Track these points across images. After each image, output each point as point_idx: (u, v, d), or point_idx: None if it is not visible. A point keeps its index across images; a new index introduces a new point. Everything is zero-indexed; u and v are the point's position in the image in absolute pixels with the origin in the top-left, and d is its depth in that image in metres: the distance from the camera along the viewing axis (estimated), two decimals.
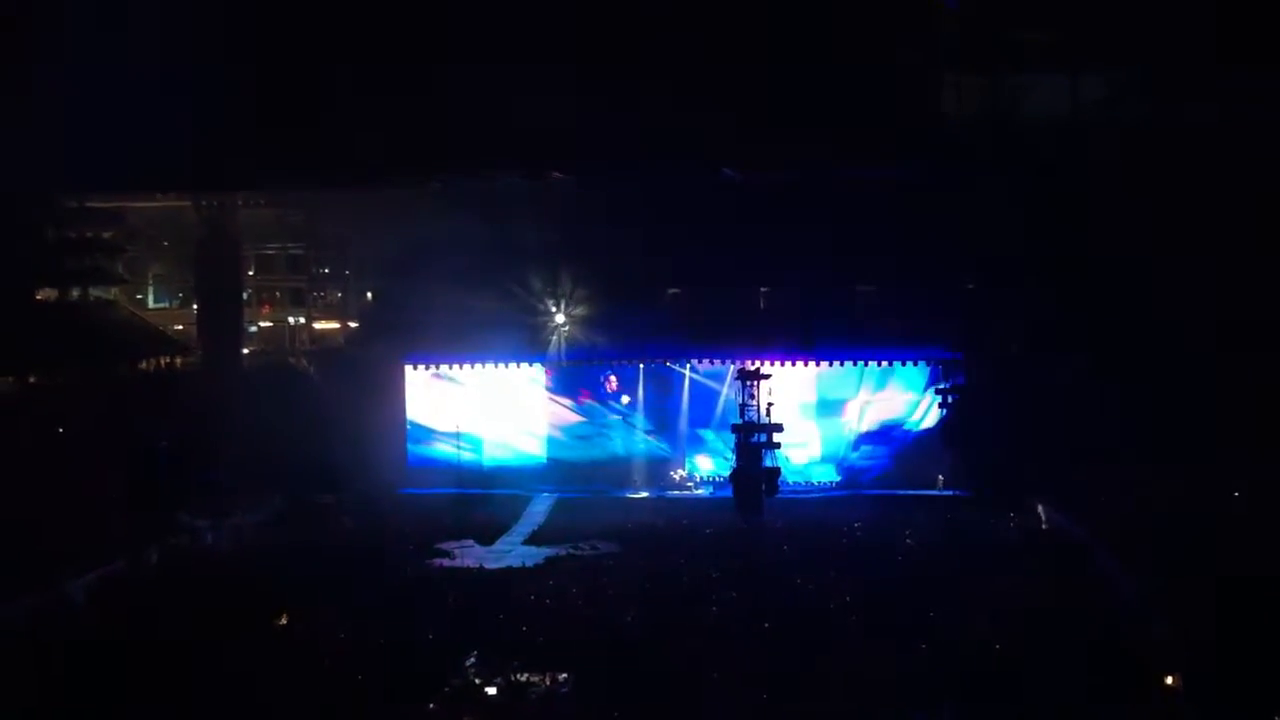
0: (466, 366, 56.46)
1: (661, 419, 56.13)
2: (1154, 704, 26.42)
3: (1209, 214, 44.65)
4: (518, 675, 29.25)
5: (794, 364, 54.27)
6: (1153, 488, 41.94)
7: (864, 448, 55.13)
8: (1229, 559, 33.31)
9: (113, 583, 36.81)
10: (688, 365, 55.90)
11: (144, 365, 56.24)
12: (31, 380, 48.62)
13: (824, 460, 55.34)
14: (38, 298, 54.07)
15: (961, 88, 44.24)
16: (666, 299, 58.26)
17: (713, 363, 55.14)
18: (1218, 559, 33.62)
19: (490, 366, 56.27)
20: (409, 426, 56.75)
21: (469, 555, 43.64)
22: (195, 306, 61.08)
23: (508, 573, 40.54)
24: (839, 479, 55.07)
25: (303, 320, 68.02)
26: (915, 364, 54.54)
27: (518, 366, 56.21)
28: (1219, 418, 43.68)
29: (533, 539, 46.71)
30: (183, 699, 26.82)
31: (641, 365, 56.08)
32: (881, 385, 54.88)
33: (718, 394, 55.28)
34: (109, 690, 27.19)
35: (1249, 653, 27.03)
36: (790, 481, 51.12)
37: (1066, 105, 45.15)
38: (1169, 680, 27.13)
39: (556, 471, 56.19)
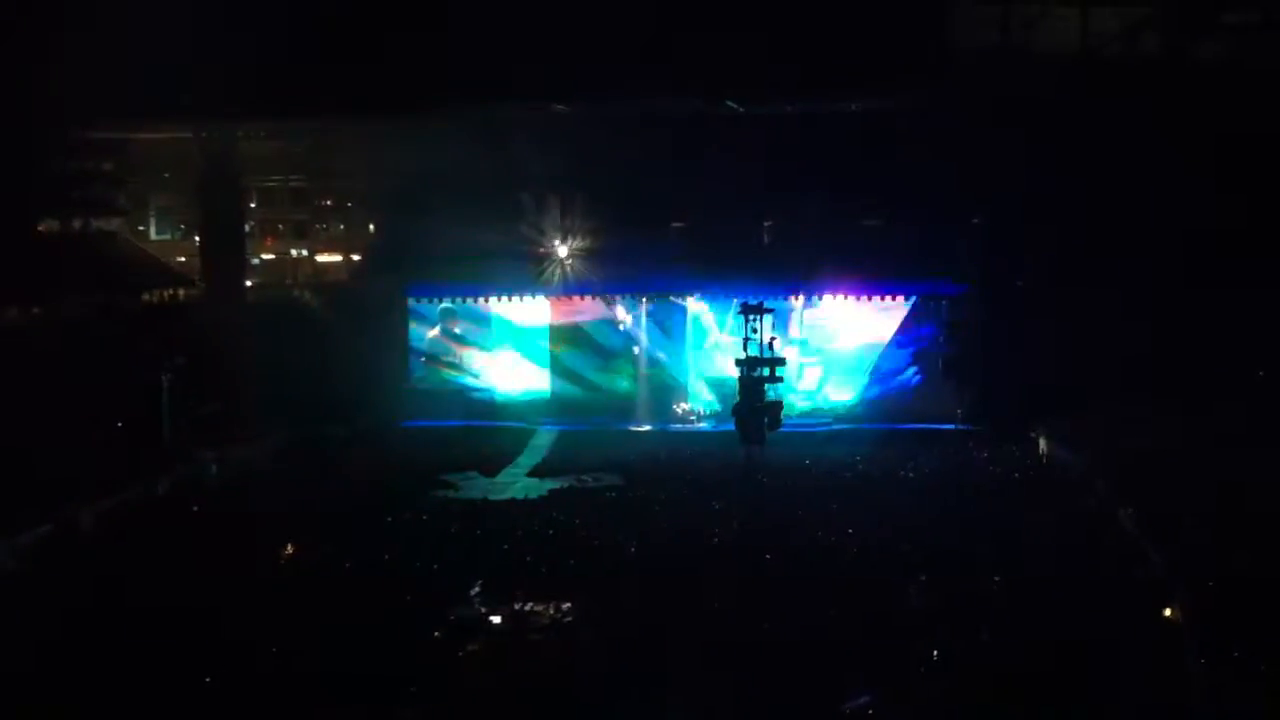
0: (470, 299, 56.45)
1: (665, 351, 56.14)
2: (1152, 636, 26.56)
3: (1217, 149, 44.36)
4: (522, 605, 29.48)
5: (798, 298, 54.26)
6: (1153, 422, 41.99)
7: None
8: (1229, 494, 33.41)
9: (117, 515, 36.95)
10: (690, 298, 55.86)
11: (147, 297, 56.15)
12: (35, 312, 48.53)
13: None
14: (40, 229, 53.82)
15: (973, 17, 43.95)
16: (671, 232, 57.98)
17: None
18: (1218, 494, 33.74)
19: (494, 299, 56.26)
20: (413, 358, 56.81)
21: (473, 487, 43.84)
22: (198, 239, 60.85)
23: (511, 504, 40.73)
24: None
25: (305, 253, 67.72)
26: (921, 298, 54.50)
27: (520, 299, 56.17)
28: (1220, 352, 43.70)
29: (536, 471, 46.89)
30: (186, 631, 26.98)
31: (644, 299, 56.04)
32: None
33: (720, 326, 55.32)
34: (113, 621, 27.39)
35: (1249, 586, 27.17)
36: (794, 415, 51.16)
37: (1077, 38, 44.80)
38: (1167, 613, 27.27)
39: (560, 404, 56.27)
